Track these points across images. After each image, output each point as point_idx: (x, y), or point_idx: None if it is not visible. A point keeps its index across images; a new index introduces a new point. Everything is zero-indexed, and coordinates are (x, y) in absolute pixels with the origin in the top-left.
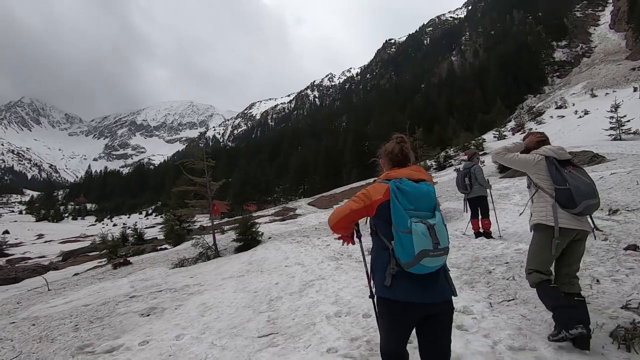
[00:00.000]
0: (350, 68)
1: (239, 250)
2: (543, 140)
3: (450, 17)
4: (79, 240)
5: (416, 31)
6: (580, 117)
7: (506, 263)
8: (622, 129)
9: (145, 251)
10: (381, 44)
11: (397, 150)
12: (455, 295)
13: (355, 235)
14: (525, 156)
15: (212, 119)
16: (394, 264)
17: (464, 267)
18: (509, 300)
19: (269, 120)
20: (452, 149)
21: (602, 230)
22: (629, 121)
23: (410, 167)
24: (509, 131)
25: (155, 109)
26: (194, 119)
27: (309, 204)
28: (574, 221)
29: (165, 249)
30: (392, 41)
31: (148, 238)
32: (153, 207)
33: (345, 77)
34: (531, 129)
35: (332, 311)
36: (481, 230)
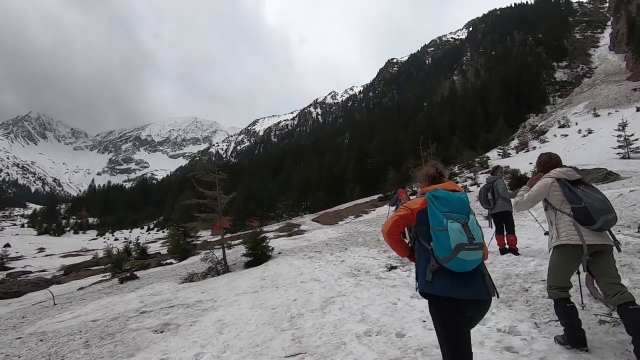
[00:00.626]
0: (353, 86)
1: (248, 265)
2: (553, 163)
3: (452, 37)
4: (80, 255)
5: (418, 51)
6: (584, 136)
7: (542, 281)
8: (630, 148)
9: (150, 266)
10: (383, 63)
11: (432, 171)
12: (493, 295)
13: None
14: (538, 186)
15: (215, 134)
16: (434, 262)
17: (496, 284)
18: (556, 321)
19: (272, 137)
20: (456, 167)
21: (620, 243)
22: (636, 139)
23: (444, 182)
24: (512, 149)
25: (159, 125)
26: (198, 134)
27: (313, 220)
28: (595, 237)
29: (171, 263)
30: (395, 60)
31: (151, 253)
32: (155, 221)
33: (348, 95)
34: (535, 147)
35: (361, 330)
36: (507, 247)
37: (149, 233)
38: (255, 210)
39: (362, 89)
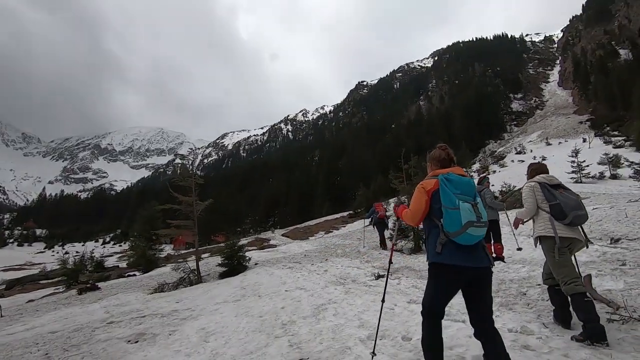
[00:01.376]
0: (324, 105)
1: (224, 275)
2: (539, 170)
3: (418, 65)
4: (24, 269)
5: (387, 75)
6: (539, 162)
7: (538, 285)
8: (582, 173)
9: (111, 277)
10: (354, 85)
11: (443, 155)
12: (493, 265)
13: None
14: (525, 193)
15: (181, 146)
16: (443, 236)
17: (493, 289)
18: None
19: (241, 151)
20: None
21: (592, 242)
22: (588, 166)
23: (454, 167)
24: (474, 172)
25: (122, 134)
26: (163, 145)
27: (283, 235)
28: (567, 230)
29: (134, 275)
30: (365, 83)
31: (109, 266)
32: (111, 234)
33: (319, 114)
34: (495, 171)
35: (364, 334)
36: (494, 255)
37: (104, 247)
38: (222, 224)
39: (332, 108)
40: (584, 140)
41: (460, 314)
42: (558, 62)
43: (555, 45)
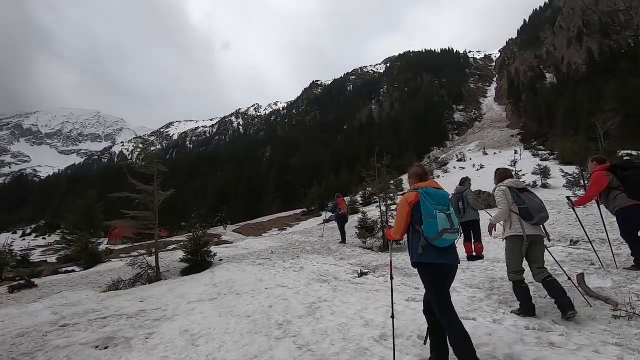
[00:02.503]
0: (277, 101)
1: (187, 272)
2: (507, 175)
3: (371, 70)
4: None
5: (341, 77)
6: (478, 169)
7: (530, 283)
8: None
9: (43, 274)
10: (309, 83)
11: (420, 171)
12: (459, 262)
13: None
14: (498, 196)
15: (121, 133)
16: (423, 240)
17: (485, 287)
18: (572, 318)
19: (188, 143)
20: (371, 188)
21: (551, 238)
22: (524, 175)
23: (429, 181)
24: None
25: (50, 114)
26: (99, 130)
27: (234, 231)
28: (533, 229)
29: (73, 271)
30: (319, 82)
31: (34, 261)
32: (33, 226)
33: (271, 110)
34: (439, 176)
35: (375, 334)
36: (474, 254)
37: (23, 239)
38: (164, 218)
39: (286, 105)
40: (516, 152)
41: (468, 311)
42: (495, 79)
43: (494, 64)
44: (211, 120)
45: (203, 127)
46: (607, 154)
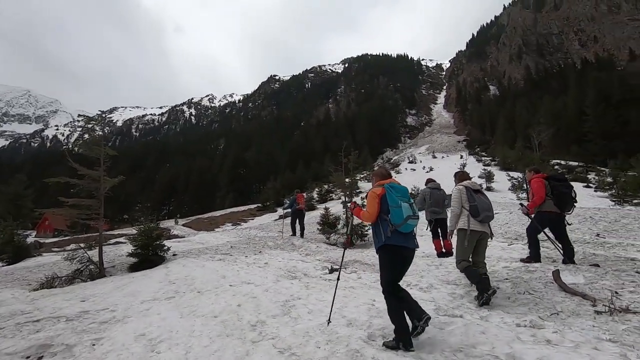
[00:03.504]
0: (233, 94)
1: (136, 267)
2: (464, 177)
3: (330, 69)
4: None
5: (299, 74)
6: (427, 172)
7: (506, 279)
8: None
9: None
10: (266, 77)
11: (384, 171)
12: (418, 247)
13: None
14: (455, 196)
15: (55, 115)
16: (391, 226)
17: (462, 283)
18: (557, 314)
19: (133, 130)
20: (326, 185)
21: (494, 235)
22: (472, 177)
23: (391, 179)
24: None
25: None
26: (29, 111)
27: (184, 225)
28: (479, 226)
29: None
30: (277, 77)
31: None
32: None
33: (227, 102)
34: (392, 176)
35: (362, 334)
36: (444, 250)
37: None
38: (105, 209)
39: (242, 97)
40: (461, 157)
41: (452, 308)
42: (445, 87)
43: (444, 73)
44: (160, 108)
45: (151, 114)
46: (541, 162)
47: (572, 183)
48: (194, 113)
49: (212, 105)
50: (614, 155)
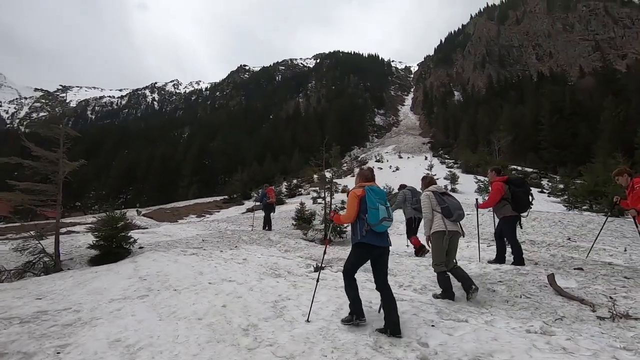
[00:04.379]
0: (200, 81)
1: (97, 261)
2: (432, 182)
3: (301, 63)
4: None
5: (270, 66)
6: (394, 171)
7: (500, 282)
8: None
9: None
10: (236, 66)
11: (368, 173)
12: (391, 245)
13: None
14: (424, 204)
15: None
16: (367, 226)
17: (456, 285)
18: (561, 319)
19: (89, 112)
20: (295, 180)
21: (464, 232)
22: (438, 178)
23: (373, 182)
24: (343, 172)
25: None
26: None
27: (144, 215)
28: (452, 226)
29: None
30: (247, 67)
31: None
32: None
33: (193, 89)
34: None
35: (368, 340)
36: (421, 246)
37: None
38: (55, 196)
39: (209, 85)
40: (426, 158)
41: (454, 312)
42: (412, 90)
43: (412, 76)
44: (120, 90)
45: (110, 96)
46: (502, 167)
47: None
48: (157, 98)
49: (177, 91)
50: (564, 163)
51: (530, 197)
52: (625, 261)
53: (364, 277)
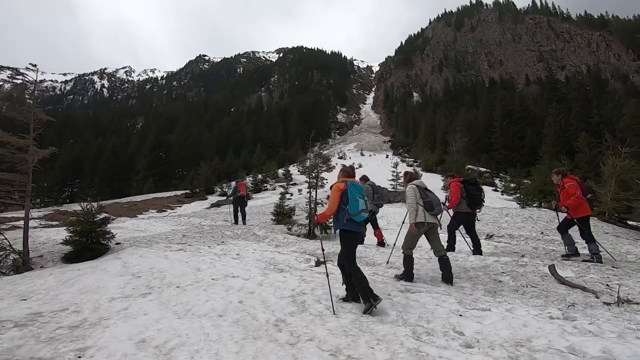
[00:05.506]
0: (155, 69)
1: (72, 258)
2: (413, 177)
3: (263, 56)
4: None
5: (231, 57)
6: (356, 168)
7: (503, 273)
8: (398, 181)
9: None
10: (194, 56)
11: (350, 170)
12: (366, 231)
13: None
14: (411, 195)
15: None
16: (347, 215)
17: (463, 276)
18: (572, 306)
19: (27, 97)
20: (260, 175)
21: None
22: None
23: (353, 178)
24: (307, 168)
25: None
26: None
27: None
28: (432, 218)
29: None
30: (207, 58)
31: None
32: None
33: (147, 77)
34: (324, 170)
35: (407, 332)
36: (383, 240)
37: None
38: None
39: (165, 74)
40: (387, 157)
41: (474, 302)
42: (374, 89)
43: (374, 75)
44: (65, 75)
45: (52, 80)
46: (460, 166)
47: (483, 187)
48: (106, 85)
49: (130, 79)
50: (514, 164)
51: (482, 195)
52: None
53: (370, 271)
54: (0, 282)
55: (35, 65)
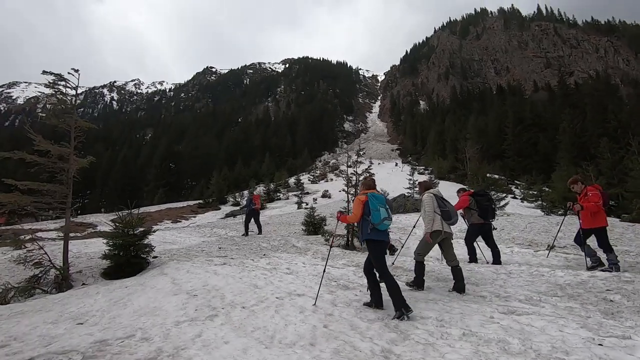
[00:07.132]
0: (163, 81)
1: (112, 274)
2: (430, 186)
3: (270, 67)
4: None
5: (238, 68)
6: (428, 180)
7: (608, 290)
8: (415, 189)
9: None
10: (202, 68)
11: (371, 182)
12: (390, 240)
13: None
14: (428, 203)
15: None
16: (370, 225)
17: (561, 294)
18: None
19: (39, 110)
20: (272, 185)
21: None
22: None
23: (374, 189)
24: (317, 177)
25: None
26: None
27: (112, 220)
28: (448, 228)
29: None
30: (214, 69)
31: None
32: None
33: (156, 89)
34: (332, 179)
35: (492, 349)
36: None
37: None
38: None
39: (173, 86)
40: (396, 165)
41: (612, 330)
42: (380, 98)
43: (379, 84)
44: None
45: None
46: (474, 172)
47: (503, 194)
48: (116, 98)
49: (139, 91)
50: (529, 171)
51: (493, 205)
52: None
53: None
54: (46, 301)
55: (77, 70)
